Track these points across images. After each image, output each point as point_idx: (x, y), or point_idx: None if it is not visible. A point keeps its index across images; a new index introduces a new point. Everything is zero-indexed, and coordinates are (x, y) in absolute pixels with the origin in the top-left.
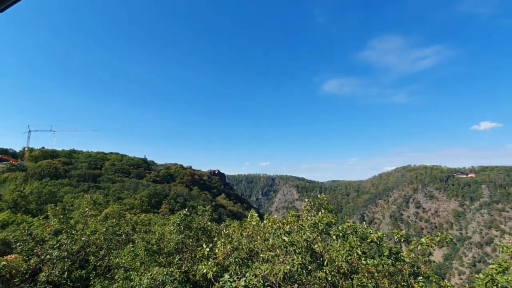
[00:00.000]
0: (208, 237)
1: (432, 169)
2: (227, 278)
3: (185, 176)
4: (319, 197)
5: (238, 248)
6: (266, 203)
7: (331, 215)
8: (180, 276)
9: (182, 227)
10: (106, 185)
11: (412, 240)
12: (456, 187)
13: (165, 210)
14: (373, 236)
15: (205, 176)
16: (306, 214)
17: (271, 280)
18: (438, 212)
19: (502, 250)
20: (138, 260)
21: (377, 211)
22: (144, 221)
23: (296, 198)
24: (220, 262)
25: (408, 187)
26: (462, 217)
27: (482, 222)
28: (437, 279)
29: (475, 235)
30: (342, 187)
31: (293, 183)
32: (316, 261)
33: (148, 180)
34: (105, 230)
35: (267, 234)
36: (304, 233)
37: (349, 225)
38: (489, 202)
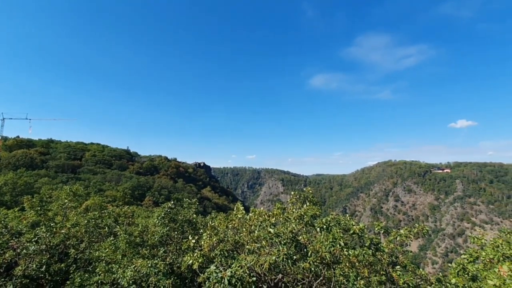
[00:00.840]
0: (193, 230)
1: (411, 164)
2: (213, 269)
3: (169, 168)
4: (304, 190)
5: (224, 240)
6: (251, 196)
7: (316, 208)
8: (164, 268)
9: (167, 220)
10: (87, 177)
11: (392, 232)
12: (432, 182)
13: (149, 203)
14: (355, 227)
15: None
16: (292, 206)
17: (257, 270)
18: (415, 205)
19: (473, 241)
20: (120, 253)
21: (359, 204)
22: (127, 213)
23: (281, 191)
24: (206, 254)
25: (388, 181)
26: (437, 210)
27: (455, 215)
28: (413, 268)
29: (448, 227)
30: (326, 181)
31: (278, 177)
32: (300, 252)
33: (131, 172)
34: (87, 223)
35: (252, 226)
36: (290, 225)
37: (332, 217)
38: (462, 196)
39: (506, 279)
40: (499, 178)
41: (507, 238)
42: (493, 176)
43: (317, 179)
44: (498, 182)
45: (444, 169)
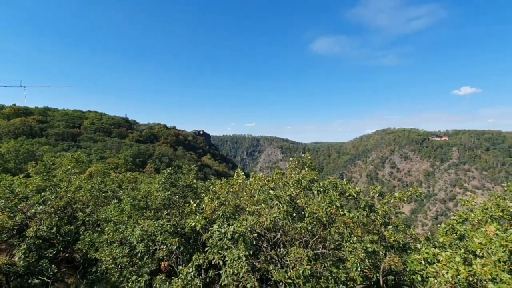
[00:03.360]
0: (194, 194)
1: (410, 132)
2: (216, 228)
3: (169, 136)
4: (303, 156)
5: (224, 203)
6: (250, 163)
7: (314, 173)
8: (170, 228)
9: (167, 184)
10: (87, 145)
11: (386, 195)
12: (429, 149)
13: (150, 170)
14: (351, 190)
15: (190, 137)
16: (291, 172)
17: (257, 230)
18: (410, 172)
19: (463, 203)
20: (126, 214)
21: (355, 171)
22: (131, 179)
23: (280, 159)
24: (208, 216)
25: (386, 149)
26: (432, 177)
27: (448, 181)
28: (405, 228)
29: (440, 192)
30: (324, 148)
31: (277, 144)
32: (298, 214)
33: (131, 140)
34: (91, 187)
35: (253, 190)
36: (288, 189)
37: (330, 181)
38: (457, 163)
39: (492, 238)
40: (496, 145)
41: (497, 201)
42: (490, 143)
43: (316, 146)
44: (495, 150)
45: (442, 136)
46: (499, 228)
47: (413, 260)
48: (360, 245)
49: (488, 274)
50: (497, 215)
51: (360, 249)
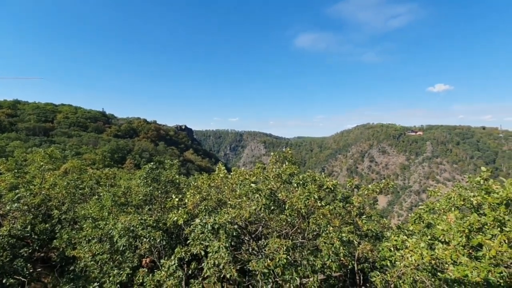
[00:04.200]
0: (177, 189)
1: (387, 127)
2: (198, 222)
3: (149, 131)
4: (284, 151)
5: (207, 198)
6: (234, 158)
7: (294, 167)
8: (153, 223)
9: (149, 180)
10: (61, 140)
11: (361, 187)
12: (405, 144)
13: (130, 166)
14: (328, 183)
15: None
16: (272, 166)
17: (238, 222)
18: (387, 166)
19: (431, 194)
20: (106, 210)
21: (336, 165)
22: (109, 175)
23: (263, 154)
24: (190, 211)
25: (365, 143)
26: (407, 170)
27: (422, 173)
28: (378, 217)
29: (415, 184)
30: (307, 143)
31: (260, 139)
32: (279, 207)
33: (109, 135)
34: (67, 184)
35: (234, 184)
36: (269, 183)
37: (308, 175)
38: (430, 157)
39: (452, 225)
40: (466, 140)
41: (460, 191)
42: (460, 138)
43: (299, 141)
44: (464, 144)
45: (417, 131)
46: (458, 216)
47: (384, 247)
48: (335, 234)
49: (449, 257)
50: (459, 204)
51: (336, 238)
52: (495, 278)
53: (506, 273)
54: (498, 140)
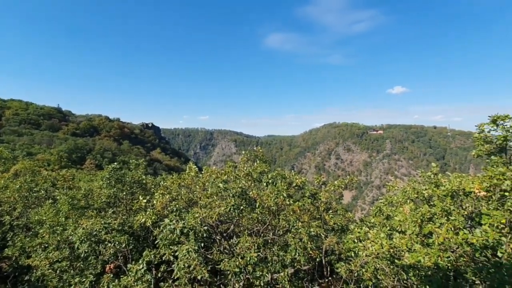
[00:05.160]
0: (144, 190)
1: (352, 126)
2: (167, 222)
3: (112, 129)
4: (255, 149)
5: (177, 198)
6: (204, 157)
7: (264, 165)
8: (118, 227)
9: (113, 181)
10: (10, 139)
11: (328, 183)
12: (368, 142)
13: (91, 166)
14: (297, 181)
15: (137, 130)
16: (243, 165)
17: (209, 222)
18: (352, 162)
19: (389, 188)
20: (63, 215)
21: (305, 163)
22: (67, 177)
23: (234, 152)
24: (159, 212)
25: (332, 142)
26: (369, 166)
27: (383, 169)
28: (343, 212)
29: (376, 180)
30: (277, 141)
31: (231, 138)
32: (250, 205)
33: (66, 133)
34: (19, 187)
35: (205, 184)
36: (240, 181)
37: (278, 173)
38: (389, 154)
39: (407, 216)
40: (420, 138)
41: (414, 185)
42: (415, 136)
43: (269, 140)
44: (418, 142)
45: (378, 130)
46: (413, 207)
47: (348, 240)
48: (304, 230)
49: (405, 245)
50: (413, 197)
51: (304, 233)
52: (444, 262)
53: (452, 257)
54: (446, 139)
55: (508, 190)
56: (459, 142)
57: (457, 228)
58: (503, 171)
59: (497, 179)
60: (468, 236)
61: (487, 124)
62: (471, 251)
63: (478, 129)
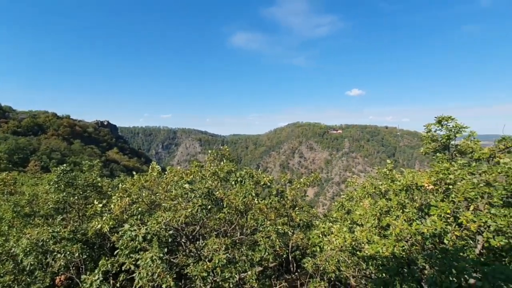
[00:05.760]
0: (99, 194)
1: (314, 126)
2: (128, 227)
3: (61, 127)
4: (222, 148)
5: (137, 201)
6: (167, 156)
7: (231, 164)
8: (69, 235)
9: (62, 184)
10: None
11: (294, 181)
12: (328, 141)
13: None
14: (265, 179)
15: (91, 128)
16: (209, 164)
17: (174, 225)
18: (314, 161)
19: (349, 184)
20: (6, 223)
21: (270, 161)
22: (8, 181)
23: (199, 151)
24: (117, 217)
25: (295, 141)
26: (330, 164)
27: (342, 166)
28: (308, 208)
29: (336, 176)
30: (242, 140)
31: (196, 137)
32: (217, 205)
33: (5, 132)
34: None
35: (169, 185)
36: (206, 181)
37: (246, 171)
38: (348, 152)
39: (367, 210)
40: (374, 137)
41: (371, 181)
42: (370, 136)
43: (234, 139)
44: (373, 141)
45: (337, 130)
46: (371, 202)
47: (313, 235)
48: (272, 228)
49: (365, 237)
50: (371, 192)
51: (272, 232)
52: (399, 251)
53: (406, 246)
54: (396, 138)
55: (452, 183)
56: (407, 141)
57: (410, 219)
58: (447, 167)
59: (442, 174)
60: (420, 227)
61: (434, 124)
62: (422, 240)
63: (426, 129)
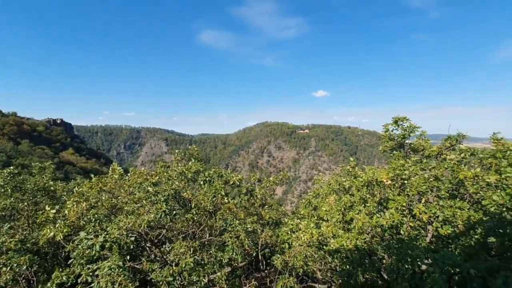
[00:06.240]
0: (51, 199)
1: (282, 125)
2: (84, 235)
3: (6, 126)
4: (189, 148)
5: (96, 205)
6: (130, 157)
7: (199, 164)
8: (16, 246)
9: (8, 189)
10: None
11: (263, 180)
12: (296, 140)
13: None
14: (234, 178)
15: (41, 127)
16: (176, 164)
17: (137, 230)
18: (282, 160)
19: (316, 182)
20: None
21: (239, 161)
22: None
23: (165, 152)
24: (73, 223)
25: (264, 140)
26: (297, 162)
27: (309, 165)
28: (277, 206)
29: (303, 175)
30: (211, 140)
31: (161, 136)
32: (185, 207)
33: None
34: None
35: (131, 188)
36: (173, 183)
37: (215, 171)
38: (314, 151)
39: (332, 206)
40: (338, 137)
41: (336, 178)
42: (334, 135)
43: (203, 138)
44: (337, 140)
45: (304, 130)
46: (336, 198)
47: (282, 232)
48: (241, 227)
49: (330, 232)
50: (336, 188)
51: (241, 230)
52: (361, 243)
53: (368, 239)
54: (357, 137)
55: (407, 178)
56: (367, 140)
57: (371, 213)
58: (403, 163)
59: (399, 170)
60: (379, 219)
61: (391, 124)
62: (382, 231)
63: (384, 129)
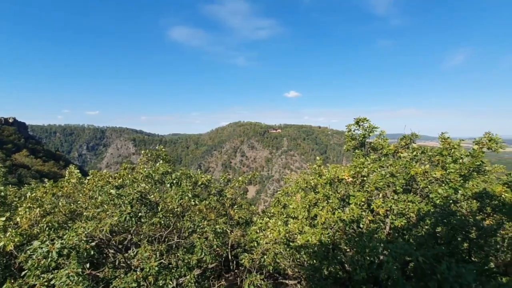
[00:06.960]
0: (2, 205)
1: (255, 125)
2: (38, 245)
3: None
4: (157, 148)
5: (52, 211)
6: (93, 159)
7: (167, 165)
8: None
9: None
10: None
11: (233, 180)
12: (269, 140)
13: None
14: (203, 179)
15: None
16: (143, 166)
17: (99, 236)
18: (256, 159)
19: (286, 181)
20: None
21: (212, 161)
22: None
23: (133, 153)
24: (26, 231)
25: (237, 140)
26: (270, 162)
27: (281, 164)
28: (247, 205)
29: (276, 174)
30: (182, 140)
31: (129, 136)
32: (152, 210)
33: None
34: None
35: (91, 192)
36: (138, 185)
37: (182, 172)
38: (286, 150)
39: (299, 203)
40: (309, 136)
41: (304, 176)
42: (305, 135)
43: (174, 138)
44: (308, 140)
45: (277, 129)
46: (303, 195)
47: (252, 231)
48: (209, 228)
49: (297, 229)
50: (304, 186)
51: (210, 231)
52: (325, 238)
53: (331, 233)
54: (327, 137)
55: (366, 175)
56: (336, 139)
57: (334, 209)
58: (363, 161)
59: (359, 167)
60: (341, 214)
61: (353, 125)
62: (343, 226)
63: (347, 129)
